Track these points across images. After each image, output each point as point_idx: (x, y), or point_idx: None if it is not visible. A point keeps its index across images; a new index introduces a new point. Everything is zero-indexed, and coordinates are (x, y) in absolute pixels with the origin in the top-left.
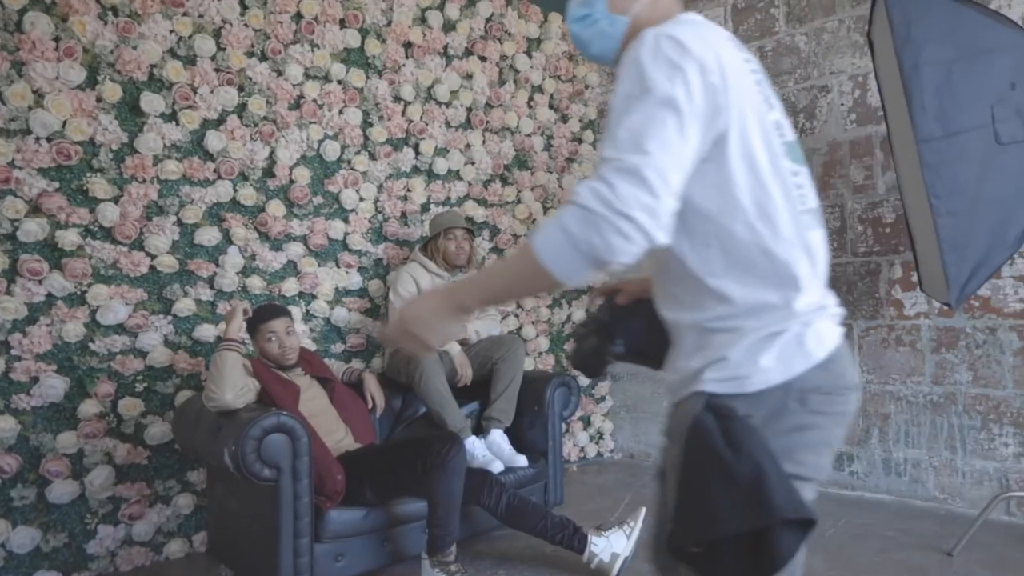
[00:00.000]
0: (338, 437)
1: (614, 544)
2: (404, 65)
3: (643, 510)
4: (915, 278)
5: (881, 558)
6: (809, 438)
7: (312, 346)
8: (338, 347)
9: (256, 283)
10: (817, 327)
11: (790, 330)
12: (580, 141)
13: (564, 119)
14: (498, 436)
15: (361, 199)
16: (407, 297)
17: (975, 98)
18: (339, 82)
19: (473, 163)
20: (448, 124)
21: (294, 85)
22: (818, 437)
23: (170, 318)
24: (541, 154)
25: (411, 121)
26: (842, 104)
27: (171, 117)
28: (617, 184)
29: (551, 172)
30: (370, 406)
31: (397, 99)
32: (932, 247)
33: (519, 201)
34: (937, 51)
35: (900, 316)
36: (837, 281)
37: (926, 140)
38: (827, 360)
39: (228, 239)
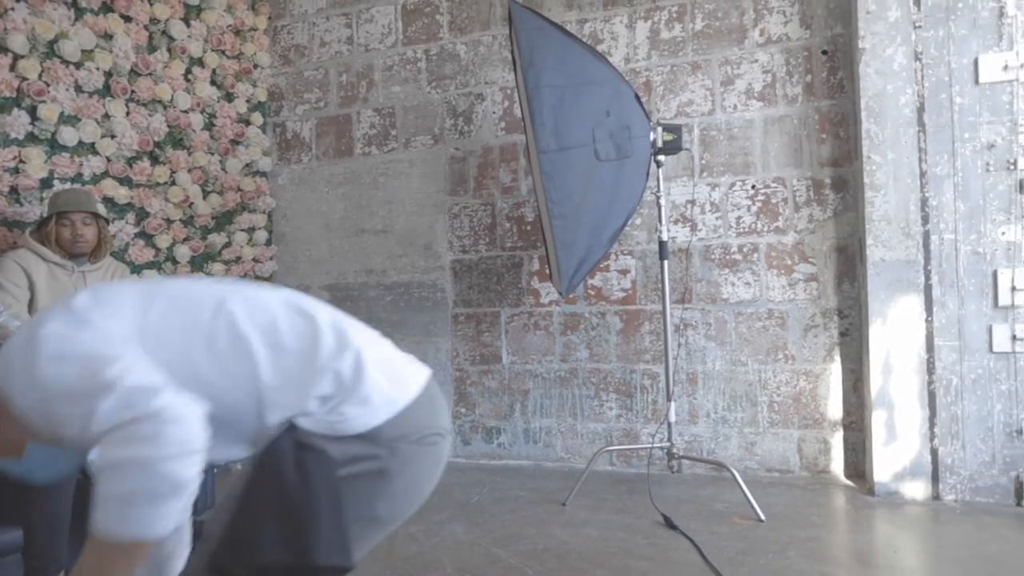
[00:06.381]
0: None
1: None
2: (13, 9)
3: None
4: (548, 271)
5: (512, 516)
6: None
7: None
8: None
9: None
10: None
11: None
12: (247, 123)
13: (229, 98)
14: None
15: None
16: (12, 290)
17: (581, 120)
18: None
19: (114, 136)
20: (79, 88)
21: None
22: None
23: None
24: (201, 133)
25: (24, 79)
26: (494, 112)
27: None
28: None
29: (213, 153)
30: None
31: (4, 50)
32: (551, 244)
33: (174, 183)
34: (553, 76)
35: (537, 304)
36: (488, 273)
37: (544, 151)
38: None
39: None
